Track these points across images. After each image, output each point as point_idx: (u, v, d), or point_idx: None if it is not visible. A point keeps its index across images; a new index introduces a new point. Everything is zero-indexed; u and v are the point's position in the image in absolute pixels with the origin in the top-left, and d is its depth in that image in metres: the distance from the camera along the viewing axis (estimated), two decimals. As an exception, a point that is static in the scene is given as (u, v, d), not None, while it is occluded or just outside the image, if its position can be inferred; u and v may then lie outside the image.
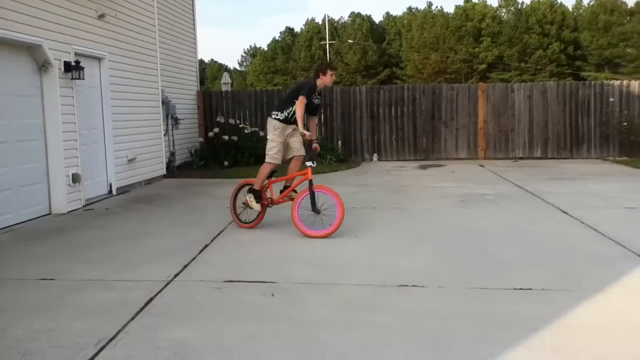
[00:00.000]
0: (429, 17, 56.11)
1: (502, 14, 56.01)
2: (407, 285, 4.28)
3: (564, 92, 13.84)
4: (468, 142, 14.09)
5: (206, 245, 5.64)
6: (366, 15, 62.61)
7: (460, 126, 14.11)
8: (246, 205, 6.41)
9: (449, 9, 70.50)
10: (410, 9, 65.73)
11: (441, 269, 4.75)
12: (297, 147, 6.34)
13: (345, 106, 14.36)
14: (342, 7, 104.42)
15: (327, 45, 48.76)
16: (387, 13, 68.55)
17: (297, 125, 6.08)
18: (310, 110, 6.32)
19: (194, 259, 5.15)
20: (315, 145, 6.31)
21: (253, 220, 6.45)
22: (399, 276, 4.49)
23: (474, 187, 9.16)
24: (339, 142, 14.22)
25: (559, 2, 52.54)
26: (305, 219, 5.97)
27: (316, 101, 6.39)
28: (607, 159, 13.35)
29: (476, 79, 48.33)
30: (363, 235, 5.99)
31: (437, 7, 60.09)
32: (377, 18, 66.44)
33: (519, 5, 54.66)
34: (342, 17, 68.80)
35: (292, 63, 58.24)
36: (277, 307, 3.89)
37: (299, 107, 6.11)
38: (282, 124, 6.29)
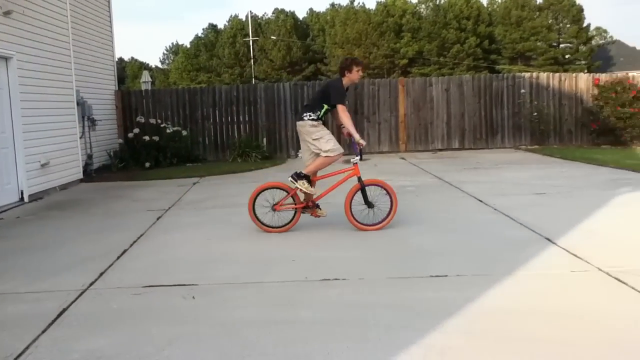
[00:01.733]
0: (352, 13, 56.85)
1: (422, 10, 57.58)
2: (329, 279, 4.33)
3: (479, 84, 14.44)
4: (390, 135, 14.43)
5: (125, 251, 5.47)
6: (290, 11, 62.61)
7: (382, 120, 14.42)
8: (301, 191, 5.98)
9: (371, 5, 71.79)
10: (333, 5, 66.29)
11: (362, 261, 4.84)
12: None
13: (270, 103, 14.34)
14: (266, 3, 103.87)
15: (251, 41, 48.39)
16: (311, 9, 68.80)
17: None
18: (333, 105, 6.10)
19: (111, 265, 4.98)
20: (360, 142, 6.16)
21: (288, 223, 6.05)
22: (322, 271, 4.54)
23: (396, 180, 9.37)
24: (264, 139, 14.18)
25: (474, -2, 54.72)
26: (359, 214, 5.97)
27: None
28: (520, 147, 14.06)
29: (398, 73, 49.52)
30: (288, 232, 6.01)
31: (359, 3, 61.16)
32: (301, 14, 66.69)
33: (437, 1, 56.39)
34: (265, 13, 68.38)
35: (216, 60, 57.36)
36: (198, 310, 3.84)
37: (344, 115, 5.86)
38: (318, 121, 5.97)
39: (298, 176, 5.92)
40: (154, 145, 12.58)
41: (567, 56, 49.50)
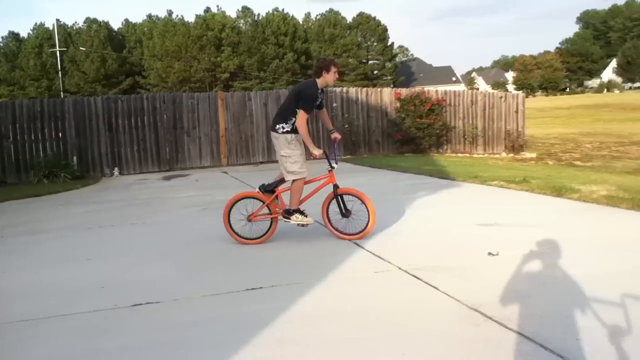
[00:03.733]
0: (170, 25, 55.62)
1: (241, 25, 58.34)
2: (141, 304, 4.15)
3: (296, 99, 14.98)
4: (211, 150, 14.35)
5: None
6: (103, 21, 59.29)
7: (202, 134, 14.28)
8: (299, 225, 5.82)
9: (190, 18, 70.73)
10: (150, 16, 64.18)
11: (177, 281, 4.73)
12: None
13: (80, 118, 13.38)
14: (76, 12, 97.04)
15: (58, 52, 44.72)
16: (127, 20, 65.94)
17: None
18: (316, 107, 5.82)
19: None
20: (334, 135, 5.93)
21: (264, 235, 5.87)
22: (133, 295, 4.33)
23: (217, 194, 9.35)
24: (74, 157, 13.17)
25: (291, 15, 56.90)
26: (337, 223, 5.77)
27: (319, 98, 5.81)
28: (336, 158, 14.87)
29: (220, 87, 49.52)
30: (97, 258, 5.64)
31: (177, 15, 59.95)
32: (116, 25, 63.44)
33: (256, 17, 57.59)
34: (76, 22, 63.96)
35: (19, 72, 52.13)
36: (-14, 353, 3.42)
37: (302, 125, 5.56)
38: (293, 135, 5.69)
39: (288, 213, 5.74)
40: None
41: (375, 72, 53.71)
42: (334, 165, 5.81)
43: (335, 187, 5.83)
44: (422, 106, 15.07)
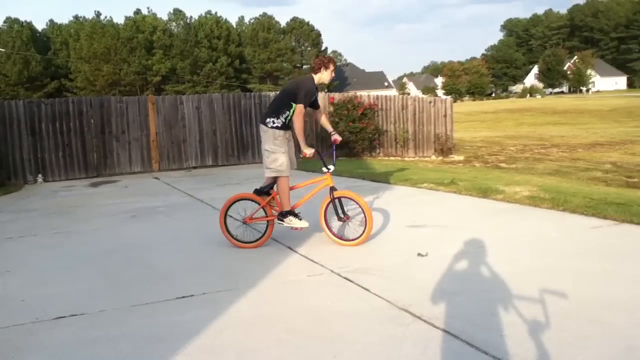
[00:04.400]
0: (98, 27, 53.80)
1: (173, 28, 57.22)
2: (64, 317, 3.97)
3: (229, 103, 14.85)
4: (142, 155, 13.95)
5: None
6: (26, 22, 56.62)
7: (132, 139, 13.87)
8: (294, 229, 5.69)
9: (119, 19, 68.71)
10: (77, 17, 61.92)
11: (103, 292, 4.56)
12: (292, 157, 5.65)
13: (0, 123, 12.67)
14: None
15: (-24, 53, 42.25)
16: (51, 21, 63.22)
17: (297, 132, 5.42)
18: (311, 105, 5.61)
19: None
20: (335, 137, 5.65)
21: (259, 239, 5.71)
22: (55, 308, 4.14)
23: (147, 201, 9.12)
24: (-6, 164, 12.47)
25: (224, 18, 56.30)
26: (335, 227, 5.62)
27: (315, 95, 5.63)
28: (270, 162, 14.82)
29: (151, 90, 48.37)
30: (18, 270, 5.35)
31: (106, 17, 57.97)
32: (40, 25, 60.69)
33: (188, 20, 56.64)
34: (-6, 22, 60.66)
35: None
36: None
37: (298, 119, 5.41)
38: (282, 132, 5.52)
39: (282, 215, 5.56)
40: None
41: (310, 76, 53.93)
42: (330, 167, 5.63)
43: (332, 189, 5.62)
44: (354, 110, 15.28)
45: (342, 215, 5.63)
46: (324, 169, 5.64)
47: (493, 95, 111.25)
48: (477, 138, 25.71)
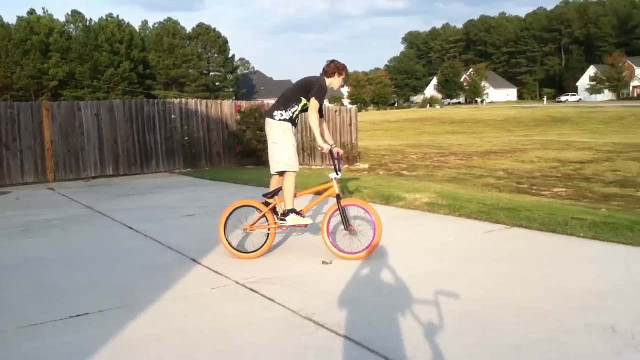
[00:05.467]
0: (-14, 27, 50.11)
1: (71, 30, 54.45)
2: (-59, 343, 3.64)
3: (131, 109, 14.31)
4: (36, 164, 13.11)
5: None
6: None
7: (25, 148, 12.99)
8: (298, 227, 5.55)
9: (11, 20, 64.33)
10: (-40, 15, 57.50)
11: (-13, 314, 4.23)
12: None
13: None
14: None
15: None
16: None
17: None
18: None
19: None
20: (336, 150, 5.29)
21: (260, 248, 5.42)
22: None
23: (40, 214, 8.57)
24: None
25: (127, 22, 54.27)
26: (340, 240, 5.31)
27: (325, 98, 5.31)
28: (174, 171, 14.47)
29: (47, 96, 45.66)
30: None
31: (-6, 16, 54.01)
32: None
33: (88, 22, 54.10)
34: None
35: None
36: None
37: (315, 115, 5.24)
38: (290, 125, 5.37)
39: (284, 215, 5.28)
40: None
41: (217, 84, 53.35)
42: (339, 173, 5.32)
43: (339, 198, 5.31)
44: (262, 119, 15.24)
45: (348, 226, 5.29)
46: (331, 175, 5.34)
47: (396, 105, 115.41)
48: (381, 147, 26.53)
